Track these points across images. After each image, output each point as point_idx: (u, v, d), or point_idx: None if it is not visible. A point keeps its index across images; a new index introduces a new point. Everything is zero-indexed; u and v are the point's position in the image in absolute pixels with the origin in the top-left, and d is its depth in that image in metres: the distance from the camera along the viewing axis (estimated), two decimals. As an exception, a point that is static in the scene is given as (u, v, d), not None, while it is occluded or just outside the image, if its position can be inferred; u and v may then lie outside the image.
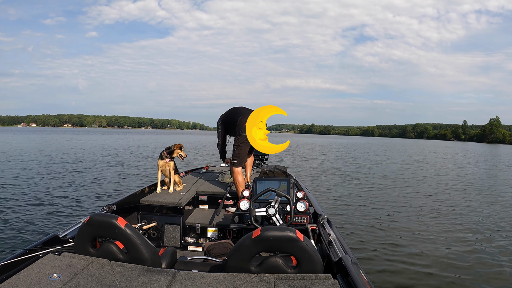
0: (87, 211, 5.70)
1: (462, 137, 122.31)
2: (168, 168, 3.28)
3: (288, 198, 2.16)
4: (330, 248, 1.88)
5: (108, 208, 2.52)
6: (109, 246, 1.59)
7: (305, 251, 1.44)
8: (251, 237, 1.45)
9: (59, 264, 1.47)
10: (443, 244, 4.56)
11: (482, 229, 5.31)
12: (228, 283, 1.38)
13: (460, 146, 55.65)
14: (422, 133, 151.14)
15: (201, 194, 3.41)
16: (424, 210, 6.55)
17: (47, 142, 28.95)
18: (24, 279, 1.34)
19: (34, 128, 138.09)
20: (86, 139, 37.62)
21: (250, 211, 2.14)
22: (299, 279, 1.40)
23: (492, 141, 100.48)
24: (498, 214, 6.46)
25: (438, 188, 9.44)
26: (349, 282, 1.41)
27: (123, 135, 56.91)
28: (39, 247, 1.72)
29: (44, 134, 51.27)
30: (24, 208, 5.75)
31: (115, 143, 29.26)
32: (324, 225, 2.30)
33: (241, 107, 3.51)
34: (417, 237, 4.86)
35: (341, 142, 52.89)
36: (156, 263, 1.60)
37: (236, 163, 3.26)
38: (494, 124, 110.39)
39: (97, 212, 2.13)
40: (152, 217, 2.96)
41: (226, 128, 3.53)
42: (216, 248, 2.35)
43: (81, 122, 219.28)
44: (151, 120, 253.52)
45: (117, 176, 9.89)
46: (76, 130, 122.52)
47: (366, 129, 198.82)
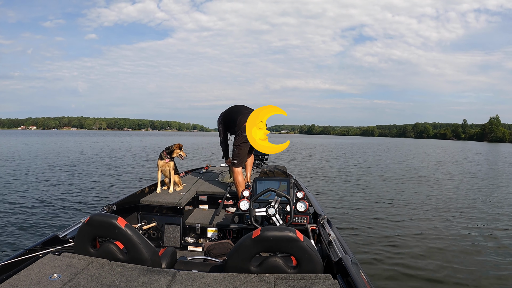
0: (87, 211, 5.70)
1: (462, 136, 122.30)
2: (168, 168, 3.28)
3: (288, 198, 2.16)
4: (330, 248, 1.88)
5: (108, 208, 2.52)
6: (109, 246, 1.59)
7: (305, 251, 1.43)
8: (251, 237, 1.45)
9: (59, 264, 1.47)
10: (444, 244, 4.55)
11: (484, 230, 5.28)
12: (228, 283, 1.38)
13: (460, 145, 55.60)
14: (422, 133, 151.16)
15: (201, 194, 3.41)
16: (424, 210, 6.54)
17: (47, 144, 28.95)
18: (24, 279, 1.34)
19: (34, 131, 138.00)
20: (86, 141, 37.63)
21: (250, 211, 2.14)
22: (299, 279, 1.40)
23: (492, 140, 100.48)
24: (503, 214, 6.37)
25: (439, 188, 9.42)
26: (349, 282, 1.41)
27: (123, 137, 56.91)
28: (39, 247, 1.73)
29: (44, 137, 51.21)
30: (24, 209, 5.76)
31: (115, 145, 29.28)
32: (324, 225, 2.30)
33: (241, 105, 3.48)
34: (418, 237, 4.85)
35: (341, 142, 52.90)
36: (156, 263, 1.60)
37: (236, 163, 3.25)
38: (494, 123, 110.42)
39: (97, 212, 2.13)
40: (152, 217, 2.97)
41: (226, 126, 3.52)
42: (216, 248, 2.35)
43: (81, 124, 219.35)
44: (151, 122, 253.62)
45: (117, 177, 9.90)
46: (76, 132, 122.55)
47: (366, 129, 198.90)
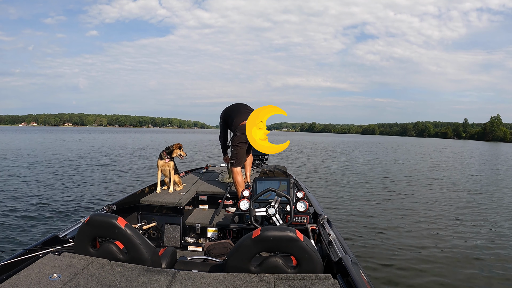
0: (87, 211, 5.70)
1: (463, 135, 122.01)
2: (168, 168, 3.28)
3: (288, 198, 2.16)
4: (330, 248, 1.88)
5: (108, 208, 2.52)
6: (109, 246, 1.59)
7: (305, 251, 1.44)
8: (251, 237, 1.45)
9: (59, 264, 1.48)
10: (445, 244, 4.55)
11: (487, 231, 5.24)
12: (228, 283, 1.38)
13: (461, 144, 55.49)
14: (423, 132, 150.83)
15: (201, 194, 3.41)
16: (426, 211, 6.53)
17: (47, 141, 28.98)
18: (24, 279, 1.35)
19: (35, 128, 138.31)
20: (86, 138, 37.67)
21: (250, 211, 2.14)
22: (299, 279, 1.40)
23: (493, 139, 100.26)
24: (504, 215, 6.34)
25: (441, 188, 9.41)
26: (349, 282, 1.41)
27: (123, 134, 56.92)
28: (39, 247, 1.73)
29: (45, 134, 51.31)
30: (24, 208, 5.76)
31: (116, 143, 29.29)
32: (324, 225, 2.30)
33: (242, 104, 3.47)
34: (418, 237, 4.85)
35: (342, 141, 52.81)
36: (156, 263, 1.60)
37: (234, 163, 3.25)
38: (495, 122, 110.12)
39: (97, 212, 2.13)
40: (152, 217, 2.97)
41: (225, 123, 3.53)
42: (216, 248, 2.35)
43: (82, 121, 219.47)
44: (152, 119, 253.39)
45: (117, 176, 9.90)
46: (76, 129, 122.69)
47: (366, 127, 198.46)
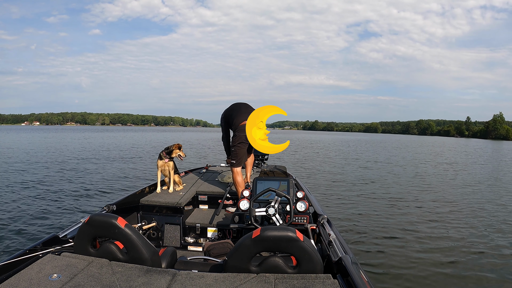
0: (87, 211, 5.71)
1: (465, 134, 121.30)
2: (168, 168, 3.28)
3: (288, 198, 2.16)
4: (330, 248, 1.88)
5: (108, 208, 2.53)
6: (109, 246, 1.60)
7: (305, 251, 1.44)
8: (251, 237, 1.45)
9: (59, 264, 1.48)
10: (445, 244, 4.53)
11: (488, 232, 5.17)
12: (228, 283, 1.38)
13: (464, 142, 55.18)
14: (425, 130, 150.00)
15: (201, 194, 3.41)
16: (426, 210, 6.51)
17: (49, 141, 29.08)
18: (24, 279, 1.35)
19: (37, 127, 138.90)
20: (88, 137, 37.78)
21: (250, 211, 2.14)
22: (299, 279, 1.40)
23: (496, 138, 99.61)
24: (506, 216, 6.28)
25: (442, 187, 9.36)
26: (349, 282, 1.41)
27: (126, 133, 57.03)
28: (39, 247, 1.73)
29: (47, 133, 51.50)
30: (24, 208, 5.77)
31: (118, 142, 29.35)
32: (324, 225, 2.30)
33: (242, 104, 3.47)
34: (419, 237, 4.83)
35: (344, 139, 52.68)
36: (156, 263, 1.61)
37: (234, 163, 3.24)
38: (497, 120, 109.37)
39: (97, 212, 2.14)
40: (152, 217, 2.97)
41: (226, 123, 3.53)
42: (216, 248, 2.36)
43: (84, 120, 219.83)
44: (154, 118, 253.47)
45: (117, 176, 9.91)
46: (79, 128, 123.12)
47: (369, 125, 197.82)
